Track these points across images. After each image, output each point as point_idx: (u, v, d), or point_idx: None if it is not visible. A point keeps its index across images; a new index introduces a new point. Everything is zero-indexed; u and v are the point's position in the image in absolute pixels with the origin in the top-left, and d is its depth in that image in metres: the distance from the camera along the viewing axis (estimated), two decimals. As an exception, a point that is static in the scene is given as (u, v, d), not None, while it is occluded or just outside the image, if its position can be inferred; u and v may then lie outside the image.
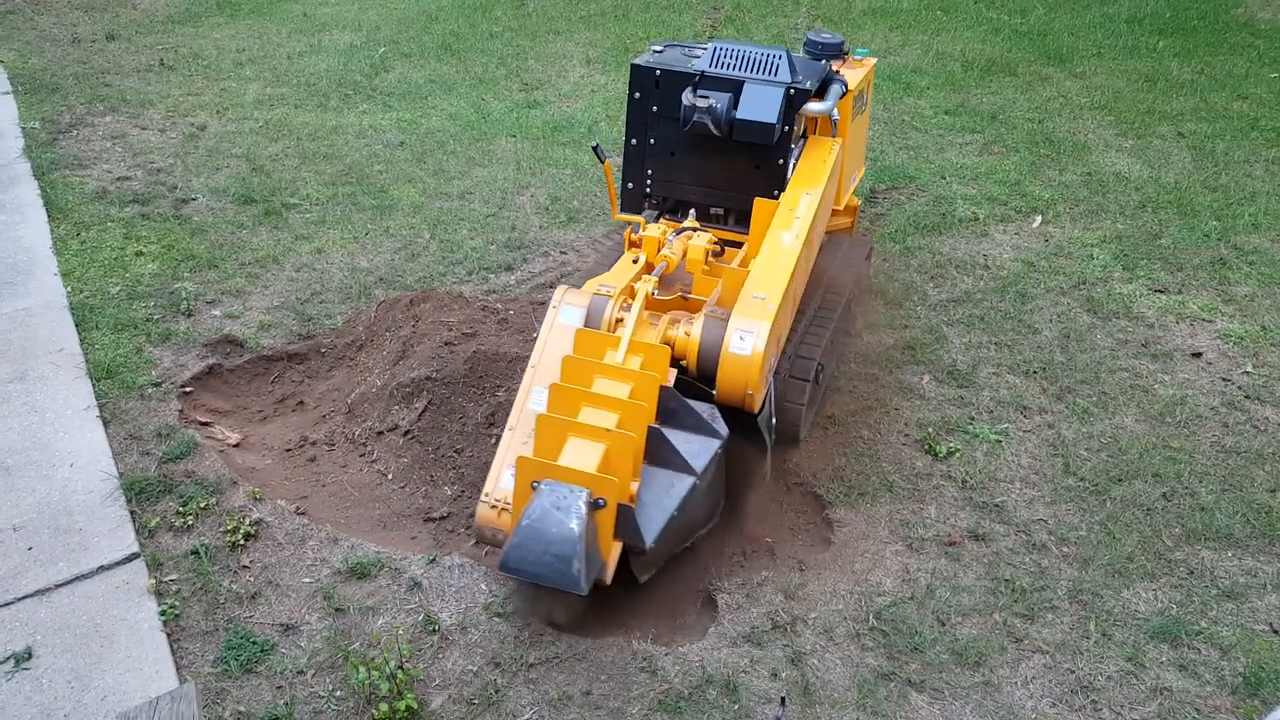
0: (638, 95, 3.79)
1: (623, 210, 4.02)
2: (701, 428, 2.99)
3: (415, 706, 2.62)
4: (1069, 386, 4.16)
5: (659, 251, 3.41)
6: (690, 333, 3.11)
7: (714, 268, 3.43)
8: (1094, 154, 6.51)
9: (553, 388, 2.91)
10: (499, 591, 3.08)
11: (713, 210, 3.93)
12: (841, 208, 4.38)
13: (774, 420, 3.25)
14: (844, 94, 3.97)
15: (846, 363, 4.29)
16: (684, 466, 2.92)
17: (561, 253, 5.15)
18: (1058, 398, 4.09)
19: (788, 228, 3.38)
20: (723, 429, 3.00)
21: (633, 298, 3.17)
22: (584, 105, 7.29)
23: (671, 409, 2.99)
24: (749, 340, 2.93)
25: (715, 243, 3.55)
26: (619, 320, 3.13)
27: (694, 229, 3.56)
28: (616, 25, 9.32)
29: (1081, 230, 5.51)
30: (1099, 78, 8.01)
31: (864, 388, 4.13)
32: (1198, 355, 4.39)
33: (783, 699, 2.71)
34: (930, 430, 3.86)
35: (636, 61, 3.77)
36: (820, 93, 3.83)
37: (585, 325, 3.17)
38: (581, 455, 2.73)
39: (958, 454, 3.75)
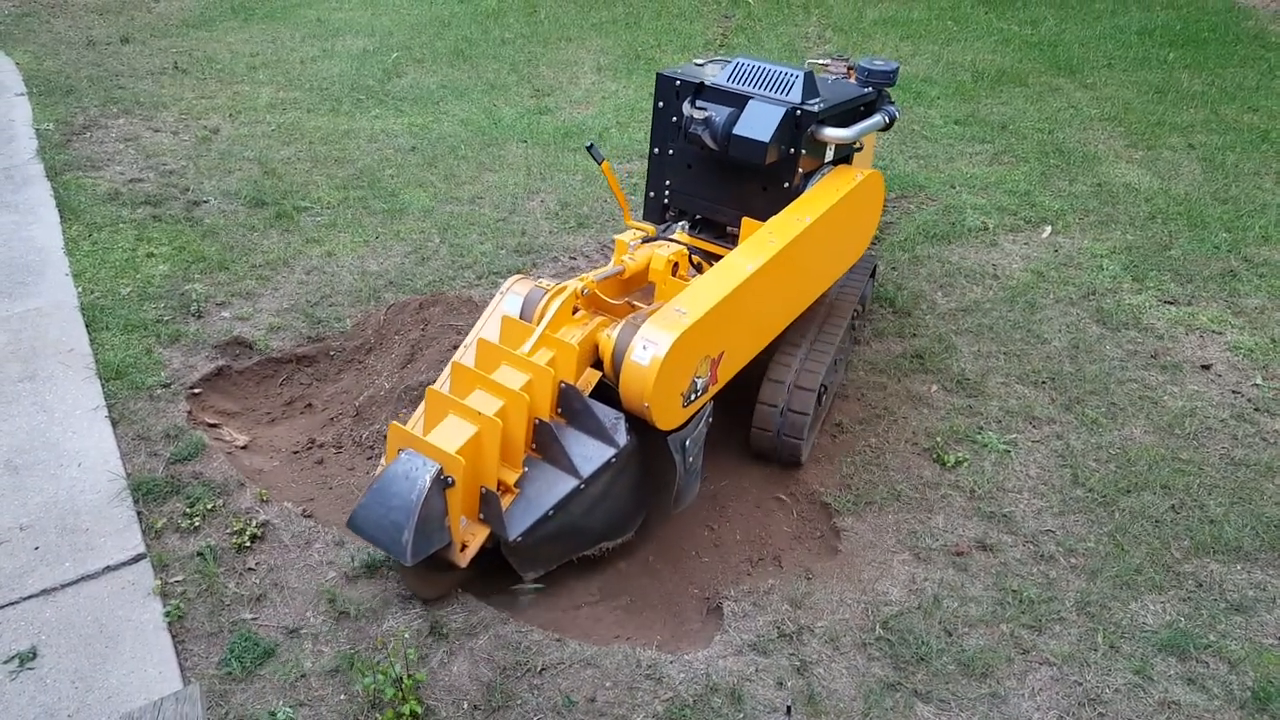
0: (661, 105, 3.77)
1: (645, 218, 4.01)
2: (599, 433, 2.97)
3: (420, 712, 2.62)
4: (1078, 397, 4.14)
5: (623, 256, 3.44)
6: (610, 336, 3.10)
7: (680, 279, 3.41)
8: (1104, 165, 6.50)
9: (454, 366, 3.00)
10: (505, 600, 3.08)
11: (729, 229, 3.88)
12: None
13: (688, 443, 3.13)
14: (884, 126, 3.88)
15: (854, 370, 4.28)
16: (570, 468, 2.92)
17: (571, 258, 5.16)
18: (1066, 408, 4.08)
19: (752, 250, 3.29)
20: (622, 438, 2.96)
21: (576, 297, 3.20)
22: (595, 111, 7.31)
23: (575, 409, 2.99)
24: (650, 350, 2.86)
25: (700, 259, 3.53)
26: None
27: (669, 240, 3.54)
28: (628, 33, 9.34)
29: (1091, 241, 5.49)
30: (1109, 89, 8.00)
31: (872, 396, 4.12)
32: (1207, 367, 4.37)
33: (788, 708, 2.70)
34: (938, 439, 3.85)
35: (662, 71, 3.75)
36: (853, 119, 3.75)
37: (520, 315, 3.24)
38: (449, 433, 2.79)
39: (966, 463, 3.73)
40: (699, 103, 3.59)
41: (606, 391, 3.08)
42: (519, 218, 5.59)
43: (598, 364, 3.15)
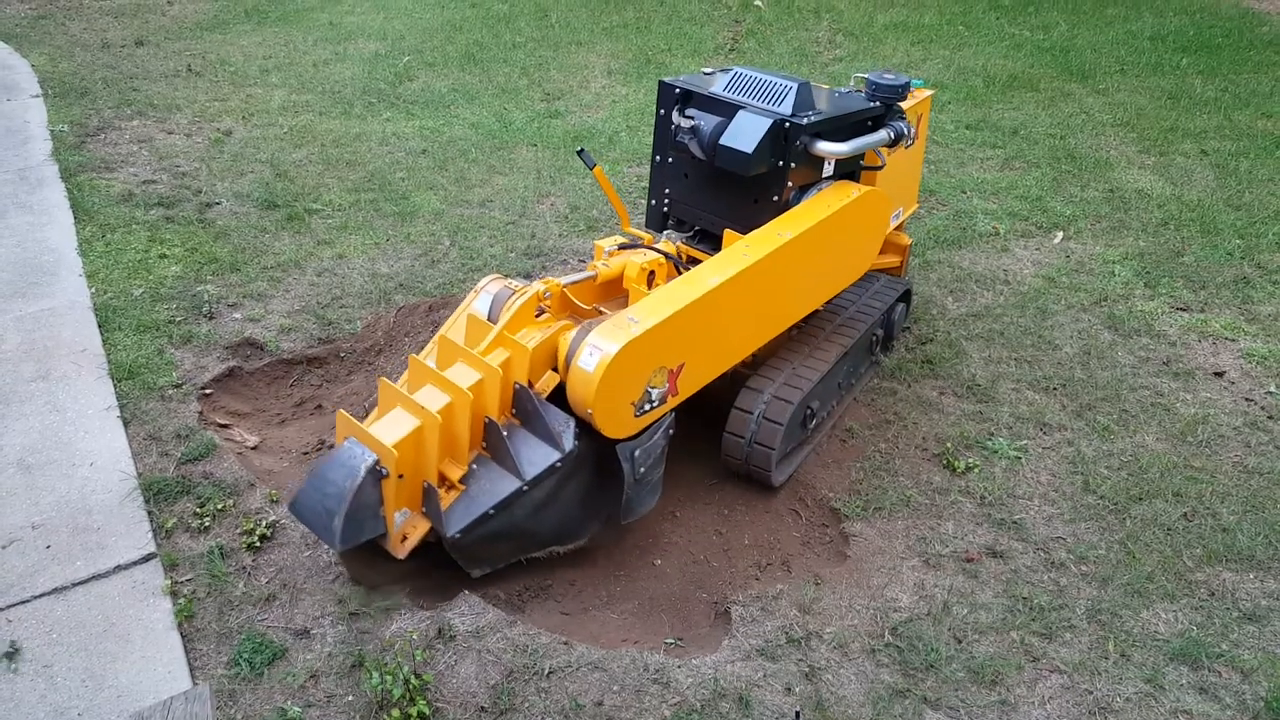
0: (662, 112, 3.73)
1: (647, 226, 3.98)
2: (547, 437, 2.96)
3: (428, 713, 2.62)
4: (1089, 404, 4.12)
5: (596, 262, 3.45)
6: (567, 339, 3.09)
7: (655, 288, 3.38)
8: (1116, 170, 6.47)
9: (411, 360, 3.04)
10: (512, 603, 3.08)
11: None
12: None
13: (638, 453, 3.08)
14: (889, 142, 3.76)
15: (865, 376, 4.26)
16: (514, 469, 2.93)
17: (580, 261, 5.16)
18: (1078, 415, 4.06)
19: (722, 263, 3.23)
20: (568, 443, 2.94)
21: (538, 299, 3.21)
22: (605, 116, 7.32)
23: (526, 410, 2.99)
24: (595, 357, 2.83)
25: (684, 267, 3.51)
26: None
27: (649, 248, 3.53)
28: (638, 37, 9.36)
29: (1103, 247, 5.47)
30: (1121, 94, 7.97)
31: (882, 401, 4.11)
32: (1220, 374, 4.35)
33: (796, 714, 2.69)
34: (949, 445, 3.83)
35: (664, 79, 3.72)
36: (854, 133, 3.67)
37: (488, 314, 3.27)
38: (391, 426, 2.84)
39: (976, 470, 3.72)
40: (687, 111, 3.55)
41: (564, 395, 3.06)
42: (529, 221, 5.60)
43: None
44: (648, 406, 3.04)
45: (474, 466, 2.97)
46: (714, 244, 3.84)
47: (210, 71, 8.06)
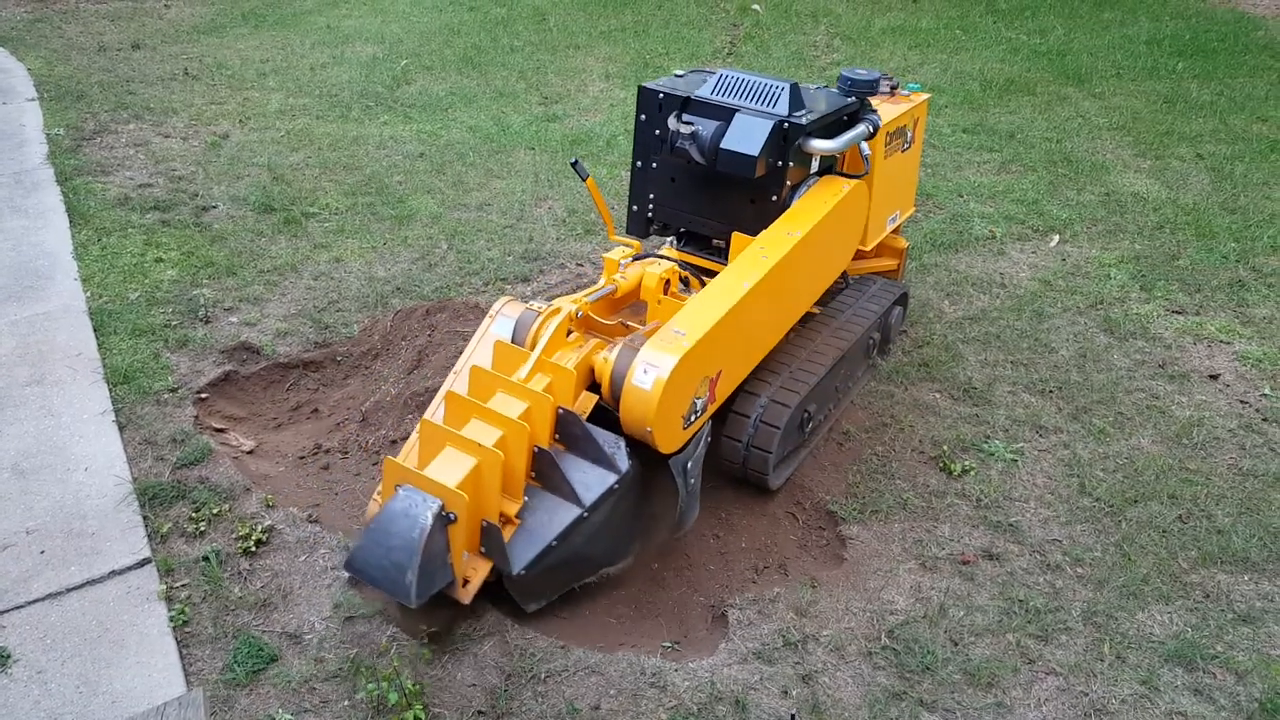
0: (644, 118, 3.72)
1: (629, 233, 3.97)
2: (600, 459, 2.89)
3: (424, 718, 2.62)
4: (1085, 406, 4.13)
5: (613, 275, 3.38)
6: (608, 359, 3.02)
7: (672, 297, 3.35)
8: (1112, 174, 6.49)
9: (449, 395, 2.91)
10: (512, 607, 3.08)
11: (715, 241, 3.85)
12: (869, 248, 4.25)
13: (689, 465, 3.05)
14: (868, 135, 3.80)
15: (861, 379, 4.27)
16: (572, 496, 2.84)
17: (578, 264, 5.16)
18: (1074, 417, 4.06)
19: (746, 266, 3.24)
20: (623, 463, 2.89)
21: (571, 320, 3.13)
22: (603, 119, 7.32)
23: (574, 435, 2.90)
24: (652, 374, 2.80)
25: (689, 274, 3.49)
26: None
27: (660, 257, 3.48)
28: (637, 41, 9.37)
29: (1099, 250, 5.48)
30: (1118, 98, 7.99)
31: (879, 404, 4.11)
32: (1215, 377, 4.36)
33: (792, 716, 2.69)
34: (945, 448, 3.84)
35: (644, 84, 3.72)
36: (838, 130, 3.72)
37: (512, 339, 3.16)
38: (448, 467, 2.70)
39: (972, 472, 3.72)
40: (685, 117, 3.55)
41: (603, 415, 3.02)
42: (526, 224, 5.60)
43: (592, 387, 3.09)
44: (693, 417, 3.02)
45: (526, 499, 2.89)
46: (700, 247, 3.85)
47: (207, 75, 8.06)
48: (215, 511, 3.33)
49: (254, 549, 3.20)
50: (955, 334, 4.63)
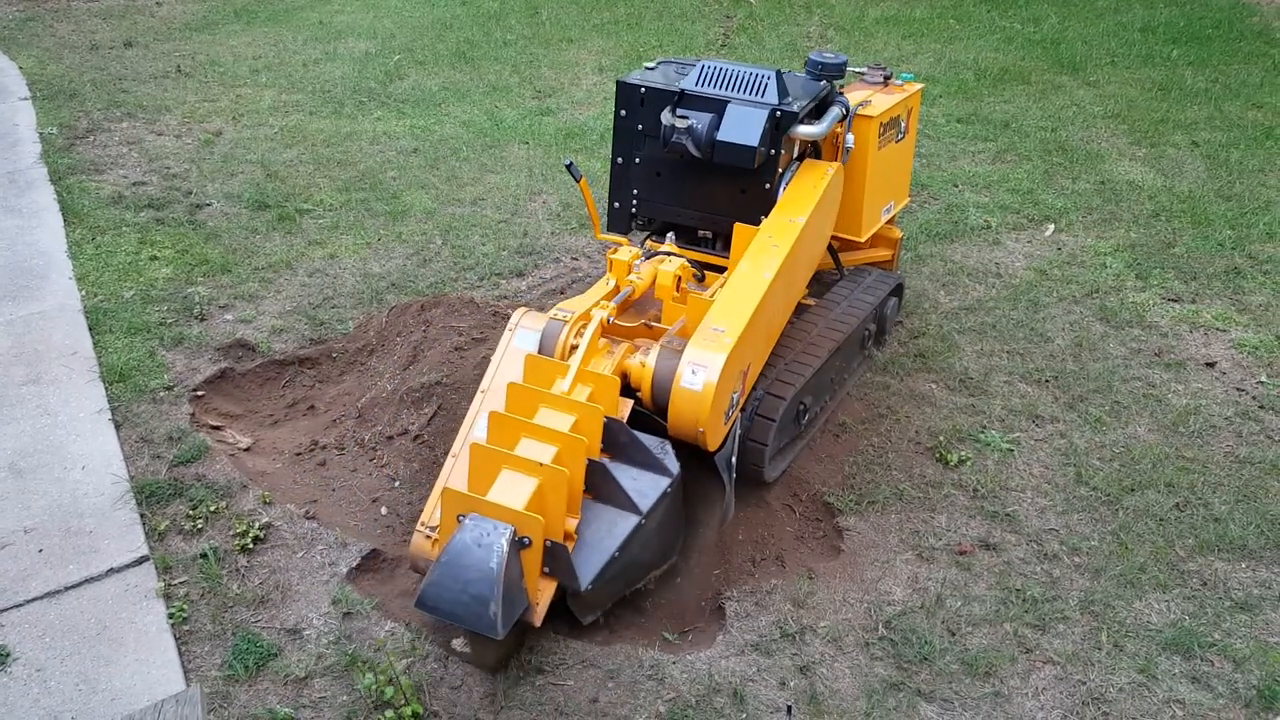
0: (624, 113, 3.70)
1: (609, 230, 3.94)
2: (651, 464, 2.86)
3: (421, 712, 2.62)
4: (1081, 395, 4.13)
5: (627, 276, 3.33)
6: (645, 363, 2.99)
7: (684, 295, 3.32)
8: (1107, 162, 6.48)
9: (492, 416, 2.78)
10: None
11: (700, 233, 3.84)
12: (864, 239, 4.26)
13: (734, 459, 3.06)
14: (842, 117, 3.80)
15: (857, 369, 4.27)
16: (628, 504, 2.81)
17: (573, 259, 5.16)
18: (1070, 407, 4.06)
19: (761, 257, 3.25)
20: (674, 466, 2.86)
21: (604, 326, 3.07)
22: (596, 112, 7.31)
23: (621, 443, 2.87)
24: (701, 375, 2.79)
25: (696, 270, 3.48)
26: (573, 347, 3.01)
27: (667, 254, 3.46)
28: (630, 34, 9.35)
29: (1094, 239, 5.48)
30: (1112, 86, 7.98)
31: (875, 395, 4.11)
32: (1211, 365, 4.36)
33: (789, 708, 2.70)
34: (941, 438, 3.84)
35: (622, 79, 3.70)
36: (817, 115, 3.71)
37: (539, 351, 3.08)
38: (511, 490, 2.60)
39: (969, 462, 3.72)
40: (680, 111, 3.53)
41: (639, 419, 3.00)
42: (521, 219, 5.59)
43: (624, 391, 3.02)
44: (730, 412, 3.03)
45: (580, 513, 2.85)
46: (687, 239, 3.84)
47: (199, 72, 8.04)
48: (212, 509, 3.33)
49: (251, 546, 3.20)
50: (951, 324, 4.63)
